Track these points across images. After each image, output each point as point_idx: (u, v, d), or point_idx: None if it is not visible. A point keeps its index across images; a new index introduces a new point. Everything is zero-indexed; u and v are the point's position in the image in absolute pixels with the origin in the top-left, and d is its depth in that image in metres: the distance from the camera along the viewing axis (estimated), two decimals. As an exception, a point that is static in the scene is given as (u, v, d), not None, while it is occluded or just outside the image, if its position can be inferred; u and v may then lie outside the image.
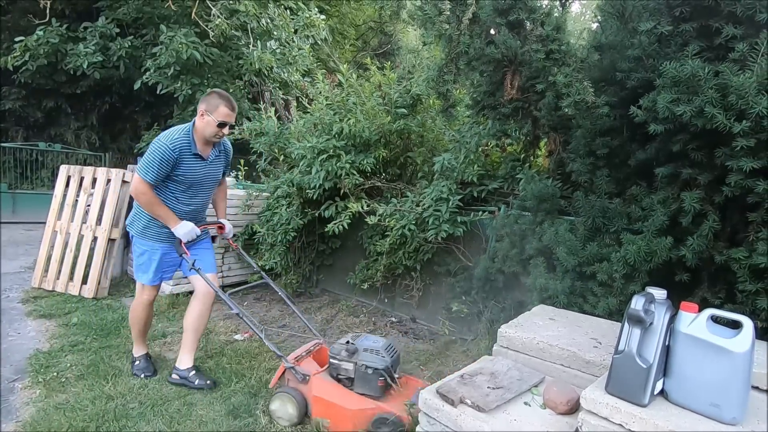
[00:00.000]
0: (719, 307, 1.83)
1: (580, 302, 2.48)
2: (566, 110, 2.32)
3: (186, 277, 2.93)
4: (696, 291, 2.20)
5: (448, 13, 2.42)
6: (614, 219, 2.43)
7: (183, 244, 2.47)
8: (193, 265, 2.45)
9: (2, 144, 8.13)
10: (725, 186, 1.88)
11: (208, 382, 2.61)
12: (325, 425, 2.20)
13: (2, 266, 4.79)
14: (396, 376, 2.25)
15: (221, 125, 2.46)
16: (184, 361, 2.65)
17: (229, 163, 2.80)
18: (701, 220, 2.04)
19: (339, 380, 2.27)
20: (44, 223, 4.30)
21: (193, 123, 2.51)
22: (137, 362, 2.77)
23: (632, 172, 2.46)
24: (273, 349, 2.36)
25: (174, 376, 2.65)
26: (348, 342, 2.30)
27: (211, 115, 2.43)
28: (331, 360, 2.28)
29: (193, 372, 2.63)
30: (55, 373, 2.66)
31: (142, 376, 2.70)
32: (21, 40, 6.75)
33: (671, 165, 2.15)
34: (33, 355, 2.88)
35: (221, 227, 2.75)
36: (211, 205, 2.89)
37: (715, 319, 1.38)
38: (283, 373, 2.36)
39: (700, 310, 1.37)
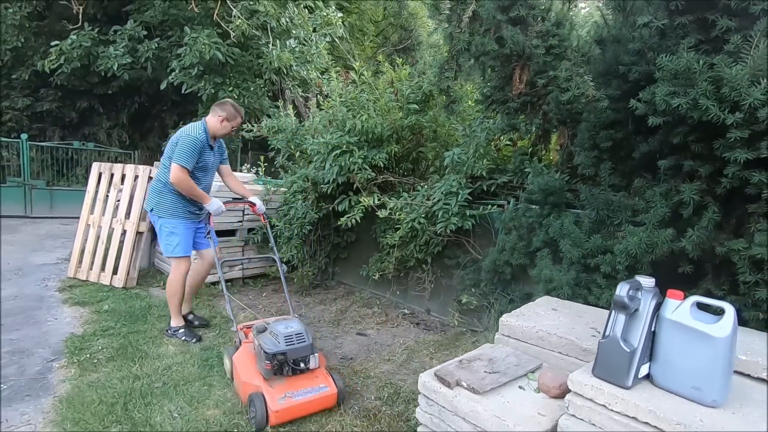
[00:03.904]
0: (722, 298, 1.84)
1: (584, 294, 2.51)
2: (566, 105, 2.35)
3: (196, 251, 3.38)
4: (700, 283, 2.20)
5: (448, 12, 2.48)
6: (618, 211, 2.45)
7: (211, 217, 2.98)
8: (208, 233, 3.02)
9: (41, 143, 8.60)
10: (724, 178, 1.89)
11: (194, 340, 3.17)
12: (236, 387, 2.52)
13: (41, 258, 5.12)
14: (305, 366, 2.31)
15: (235, 129, 3.16)
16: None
17: (225, 154, 3.44)
18: (703, 212, 2.05)
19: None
20: (79, 217, 4.58)
21: (205, 121, 3.09)
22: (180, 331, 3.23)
23: (637, 164, 2.46)
24: (229, 313, 2.81)
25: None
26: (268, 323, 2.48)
27: (230, 122, 3.10)
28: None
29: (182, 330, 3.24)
30: (88, 355, 2.89)
31: (193, 341, 3.14)
32: (56, 45, 7.12)
33: (673, 157, 2.15)
34: (68, 338, 3.13)
35: (253, 204, 3.20)
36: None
37: (703, 307, 1.42)
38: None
39: (686, 298, 1.42)
